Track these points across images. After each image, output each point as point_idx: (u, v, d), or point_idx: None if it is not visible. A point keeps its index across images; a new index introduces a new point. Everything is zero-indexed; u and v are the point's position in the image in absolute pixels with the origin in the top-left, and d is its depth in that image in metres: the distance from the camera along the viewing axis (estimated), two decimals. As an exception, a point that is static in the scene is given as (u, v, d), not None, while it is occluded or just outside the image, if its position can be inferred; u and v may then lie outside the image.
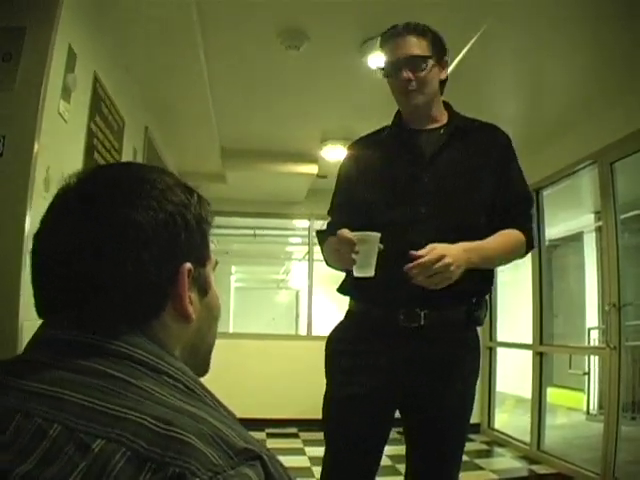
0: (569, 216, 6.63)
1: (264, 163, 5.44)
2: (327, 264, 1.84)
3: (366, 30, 3.09)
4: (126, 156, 3.39)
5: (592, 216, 6.37)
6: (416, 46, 1.70)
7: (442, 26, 1.80)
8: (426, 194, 1.68)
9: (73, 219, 0.68)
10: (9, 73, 2.14)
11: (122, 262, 0.66)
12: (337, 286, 1.87)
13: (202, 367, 0.79)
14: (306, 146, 5.14)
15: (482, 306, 1.74)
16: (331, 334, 1.86)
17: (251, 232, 7.62)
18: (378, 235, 1.54)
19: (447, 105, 1.85)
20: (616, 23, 2.82)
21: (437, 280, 1.51)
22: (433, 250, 1.50)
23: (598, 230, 5.93)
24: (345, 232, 1.55)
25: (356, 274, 1.58)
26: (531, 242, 1.78)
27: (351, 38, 3.15)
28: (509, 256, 1.74)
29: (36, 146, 2.11)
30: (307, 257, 6.86)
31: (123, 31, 2.90)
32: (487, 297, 1.78)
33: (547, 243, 5.18)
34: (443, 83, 1.80)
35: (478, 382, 1.79)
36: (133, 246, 0.66)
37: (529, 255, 5.01)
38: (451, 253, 1.51)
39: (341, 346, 1.80)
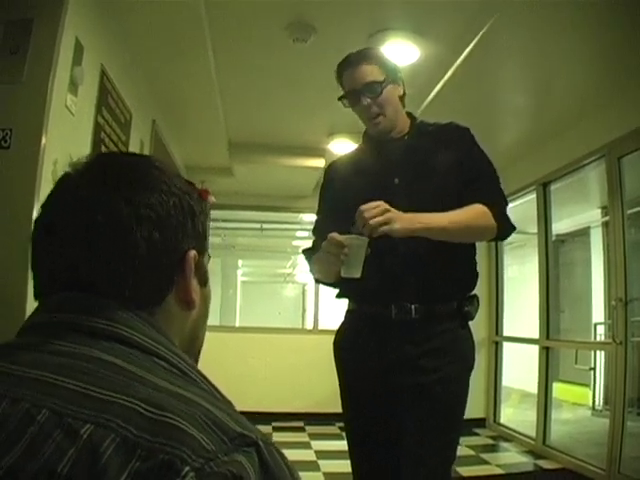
0: (576, 211, 6.61)
1: (271, 157, 5.44)
2: (316, 281, 1.96)
3: (374, 23, 3.09)
4: (133, 149, 3.39)
5: (599, 211, 6.35)
6: (369, 73, 1.80)
7: (447, 22, 1.80)
8: (398, 194, 1.77)
9: (81, 201, 0.67)
10: (16, 66, 2.15)
11: (135, 242, 0.65)
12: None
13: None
14: (313, 140, 5.14)
15: (472, 302, 1.82)
16: (335, 335, 1.94)
17: (258, 226, 7.62)
18: (367, 239, 1.61)
19: (410, 115, 1.97)
20: (624, 16, 2.80)
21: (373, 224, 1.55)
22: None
23: (605, 225, 5.90)
24: (335, 235, 1.63)
25: (343, 274, 1.65)
26: (501, 215, 1.78)
27: (358, 31, 3.14)
28: (471, 225, 1.74)
29: (43, 139, 2.12)
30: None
31: (130, 24, 2.90)
32: (477, 295, 1.84)
33: (554, 238, 5.16)
34: (402, 97, 1.91)
35: (483, 376, 1.80)
36: (145, 226, 0.66)
37: (536, 250, 4.95)
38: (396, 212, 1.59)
39: (342, 344, 1.89)
